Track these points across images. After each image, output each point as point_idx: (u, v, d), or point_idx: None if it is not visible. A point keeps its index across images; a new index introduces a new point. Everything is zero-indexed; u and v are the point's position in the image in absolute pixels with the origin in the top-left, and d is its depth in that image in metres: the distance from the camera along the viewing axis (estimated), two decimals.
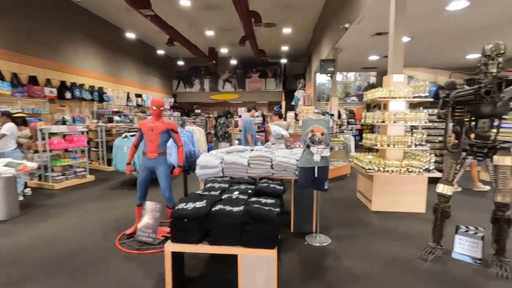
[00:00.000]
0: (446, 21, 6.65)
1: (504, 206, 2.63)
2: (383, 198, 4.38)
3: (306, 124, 3.15)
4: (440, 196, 2.87)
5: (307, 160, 3.11)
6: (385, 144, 4.29)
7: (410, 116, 4.24)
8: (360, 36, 7.79)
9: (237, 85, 18.00)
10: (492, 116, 2.62)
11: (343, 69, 14.49)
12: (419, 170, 4.12)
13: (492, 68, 2.56)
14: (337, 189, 5.81)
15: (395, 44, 4.50)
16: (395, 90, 4.27)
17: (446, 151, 2.81)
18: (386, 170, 4.18)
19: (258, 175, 3.41)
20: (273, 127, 6.22)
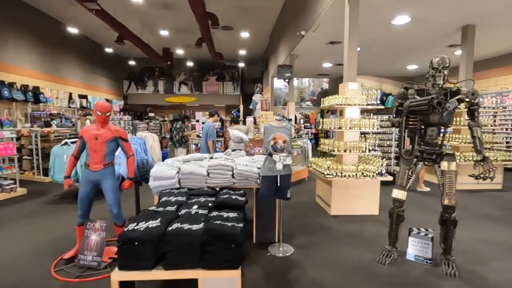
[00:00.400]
0: (392, 34, 7.19)
1: (451, 208, 2.82)
2: (341, 202, 4.49)
3: (268, 132, 3.06)
4: (395, 201, 2.98)
5: (269, 168, 3.02)
6: (342, 150, 4.41)
7: (364, 122, 4.43)
8: (315, 44, 8.07)
9: (193, 87, 17.48)
10: (439, 124, 2.81)
11: (299, 75, 14.95)
12: (373, 174, 4.31)
13: (439, 80, 2.75)
14: (297, 193, 5.85)
15: (350, 53, 4.69)
16: (350, 97, 4.42)
17: (401, 158, 2.94)
18: (343, 175, 4.29)
19: (218, 185, 3.23)
20: (232, 130, 6.07)
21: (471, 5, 5.51)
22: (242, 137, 5.94)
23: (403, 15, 5.97)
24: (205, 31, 9.52)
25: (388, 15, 5.97)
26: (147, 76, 17.24)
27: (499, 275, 2.81)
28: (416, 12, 5.82)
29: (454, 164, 2.79)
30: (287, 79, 9.33)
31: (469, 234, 3.74)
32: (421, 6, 5.56)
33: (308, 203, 5.20)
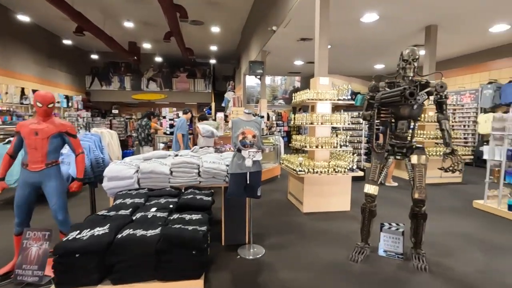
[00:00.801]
0: (361, 32, 7.28)
1: (421, 202, 2.80)
2: (313, 199, 4.41)
3: (237, 126, 2.85)
4: (367, 196, 2.92)
5: (238, 165, 2.82)
6: (314, 146, 4.32)
7: (336, 118, 4.37)
8: (286, 40, 7.98)
9: (163, 84, 16.77)
10: (410, 117, 2.78)
11: (271, 72, 14.89)
12: (344, 170, 4.26)
13: (409, 72, 2.71)
14: (269, 191, 5.71)
15: (321, 48, 4.61)
16: (322, 92, 4.35)
17: (373, 152, 2.87)
18: (315, 171, 4.20)
19: (183, 184, 2.96)
20: (201, 125, 5.80)
21: (432, 6, 5.69)
22: (213, 131, 5.71)
23: (371, 13, 6.04)
24: (174, 24, 9.08)
25: (357, 12, 6.01)
26: (112, 72, 16.24)
27: (465, 266, 2.84)
28: (384, 10, 5.91)
29: (423, 158, 2.77)
30: (259, 76, 9.18)
31: (435, 226, 3.80)
32: (388, 4, 5.65)
33: (281, 201, 5.07)
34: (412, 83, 2.66)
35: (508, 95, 8.08)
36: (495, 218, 4.26)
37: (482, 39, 7.79)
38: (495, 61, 8.67)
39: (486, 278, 2.64)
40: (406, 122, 2.80)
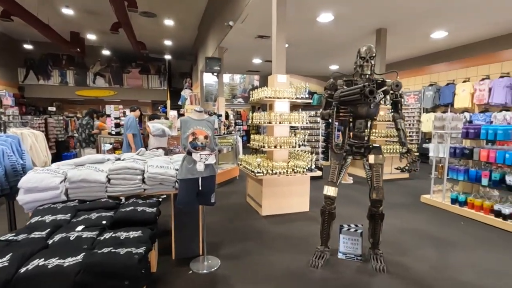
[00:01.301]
0: (317, 32, 7.35)
1: (379, 203, 2.77)
2: (273, 201, 4.25)
3: (186, 125, 2.53)
4: (326, 198, 2.81)
5: (188, 170, 2.50)
6: (272, 146, 4.16)
7: (294, 117, 4.26)
8: (244, 37, 7.77)
9: (112, 80, 15.47)
10: (367, 116, 2.72)
11: (230, 70, 14.58)
12: (303, 170, 4.17)
13: (366, 69, 2.65)
14: (226, 194, 5.45)
15: (278, 45, 4.47)
16: (280, 90, 4.20)
17: (332, 152, 2.76)
18: (274, 173, 4.04)
19: (124, 193, 2.56)
20: (152, 124, 5.30)
21: (382, 10, 5.91)
22: (164, 129, 5.24)
23: (327, 12, 6.09)
24: (121, 14, 8.30)
25: (314, 11, 6.01)
26: (51, 65, 14.52)
27: (421, 264, 2.88)
28: (339, 10, 5.99)
29: (381, 157, 2.74)
30: (216, 73, 8.83)
31: (389, 223, 3.86)
32: (342, 5, 5.72)
33: (239, 205, 4.83)
34: (369, 81, 2.60)
35: (446, 96, 8.83)
36: (440, 211, 4.52)
37: (425, 44, 8.40)
38: (435, 65, 9.44)
39: (440, 275, 2.69)
40: (363, 121, 2.75)
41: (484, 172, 4.10)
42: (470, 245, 3.34)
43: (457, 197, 4.46)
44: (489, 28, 6.94)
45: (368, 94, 2.04)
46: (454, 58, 8.78)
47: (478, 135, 4.21)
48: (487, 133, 4.08)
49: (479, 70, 8.08)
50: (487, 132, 4.08)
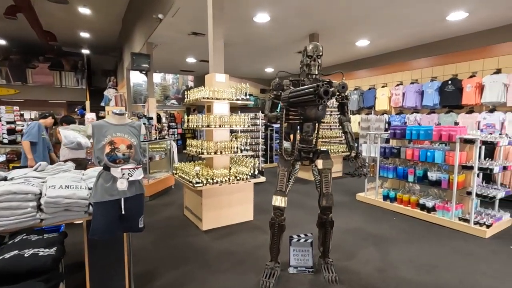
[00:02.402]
0: (253, 32, 7.19)
1: (329, 209, 2.64)
2: (214, 213, 3.84)
3: (101, 132, 1.96)
4: (276, 209, 2.55)
5: (105, 190, 1.94)
6: (212, 151, 3.75)
7: (235, 119, 3.94)
8: (176, 32, 7.14)
9: (12, 76, 12.82)
10: (315, 119, 2.56)
11: (161, 68, 13.52)
12: (246, 177, 3.88)
13: (314, 69, 2.49)
14: (160, 208, 4.81)
15: (215, 42, 4.10)
16: (219, 90, 3.83)
17: (280, 159, 2.51)
18: (215, 182, 3.64)
19: (8, 228, 1.84)
20: (64, 131, 4.30)
21: (314, 14, 6.07)
22: (81, 141, 4.30)
23: (263, 13, 5.96)
24: None
25: (250, 10, 5.80)
26: None
27: (367, 267, 2.86)
28: (274, 12, 5.92)
29: (329, 162, 2.61)
30: (144, 71, 7.95)
31: None
32: (277, 7, 5.66)
33: (175, 219, 4.27)
34: (317, 82, 2.44)
35: (368, 100, 9.70)
36: (375, 208, 4.76)
37: (351, 51, 9.05)
38: (359, 71, 10.30)
39: (386, 276, 2.70)
40: (311, 124, 2.58)
41: (410, 169, 4.45)
42: (404, 240, 3.51)
43: (388, 193, 4.76)
44: (404, 39, 7.82)
45: (322, 95, 1.84)
46: (374, 65, 9.71)
47: (404, 135, 4.56)
48: (411, 133, 4.44)
49: (395, 76, 9.07)
50: (411, 132, 4.43)
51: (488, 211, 3.92)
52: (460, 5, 5.54)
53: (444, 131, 4.01)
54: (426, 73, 8.22)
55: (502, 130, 6.40)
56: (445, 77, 7.62)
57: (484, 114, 6.75)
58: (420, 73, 8.40)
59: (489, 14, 5.97)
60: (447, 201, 4.07)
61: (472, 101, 6.88)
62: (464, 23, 6.39)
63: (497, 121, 6.51)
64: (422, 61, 8.32)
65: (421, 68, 8.36)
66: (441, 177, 4.03)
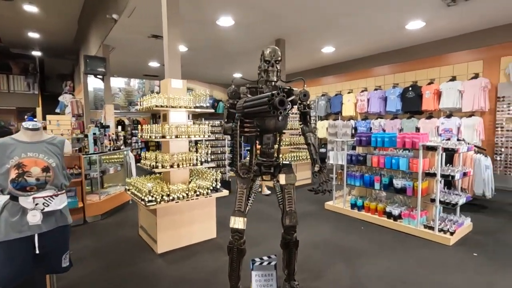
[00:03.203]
0: (218, 36, 6.92)
1: (293, 229, 2.41)
2: (171, 234, 3.46)
3: (4, 153, 1.56)
4: (234, 232, 2.27)
5: (10, 225, 1.54)
6: (168, 165, 3.39)
7: (194, 129, 3.62)
8: (135, 34, 6.67)
9: None
10: (275, 130, 2.33)
11: (121, 73, 12.76)
12: (207, 192, 3.56)
13: (272, 75, 2.26)
14: (113, 227, 4.32)
15: (171, 44, 3.76)
16: (175, 98, 3.49)
17: (237, 176, 2.24)
18: (171, 199, 3.28)
19: None
20: None
21: (279, 20, 5.96)
22: None
23: (227, 16, 5.72)
24: None
25: (212, 12, 5.54)
26: None
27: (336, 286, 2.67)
28: (238, 16, 5.71)
29: (292, 176, 2.39)
30: (100, 75, 7.33)
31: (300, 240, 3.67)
32: (241, 10, 5.46)
33: (129, 241, 3.82)
34: (276, 90, 2.22)
35: (335, 105, 9.81)
36: (343, 217, 4.65)
37: (317, 57, 9.11)
38: (326, 77, 10.42)
39: None
40: (272, 136, 2.35)
41: (376, 177, 4.40)
42: (373, 252, 3.39)
43: (356, 201, 4.68)
44: (367, 47, 7.99)
45: (278, 105, 1.60)
46: (340, 72, 9.86)
47: (369, 142, 4.51)
48: (376, 140, 4.40)
49: (360, 83, 9.26)
50: (377, 139, 4.39)
51: (451, 217, 3.95)
52: (418, 15, 5.71)
53: (407, 138, 4.00)
54: (389, 79, 8.46)
55: (459, 134, 6.69)
56: (406, 83, 7.87)
57: (442, 119, 7.02)
58: (383, 80, 8.63)
59: (444, 24, 6.23)
60: (412, 208, 4.05)
61: (431, 107, 7.15)
62: (421, 32, 6.63)
63: (454, 126, 6.80)
64: (385, 68, 8.57)
65: (384, 75, 8.60)
66: (406, 185, 4.01)
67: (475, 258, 3.21)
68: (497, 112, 6.40)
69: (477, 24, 6.28)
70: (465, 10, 5.45)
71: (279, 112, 1.64)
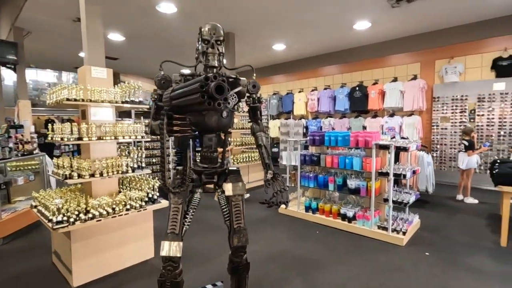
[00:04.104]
0: (160, 25, 6.19)
1: (242, 250, 1.97)
2: (93, 261, 2.77)
3: None
4: (166, 262, 1.75)
5: None
6: (87, 174, 2.70)
7: (122, 128, 2.96)
8: (56, 17, 5.59)
9: None
10: (219, 129, 1.87)
11: (45, 64, 11.01)
12: (141, 204, 2.94)
13: (212, 59, 1.79)
14: (19, 254, 3.41)
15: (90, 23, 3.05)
16: (95, 90, 2.80)
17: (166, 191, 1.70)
18: (91, 217, 2.59)
19: None
20: None
21: (227, 12, 5.53)
22: None
23: (168, 2, 5.07)
24: None
25: None
26: None
27: None
28: (180, 2, 5.10)
29: (241, 186, 1.94)
30: (11, 65, 6.02)
31: (251, 251, 3.29)
32: None
33: (39, 271, 2.99)
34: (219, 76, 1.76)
35: (287, 104, 9.72)
36: (298, 221, 4.38)
37: (268, 55, 8.86)
38: (277, 75, 10.28)
39: None
40: (214, 136, 1.88)
41: (330, 177, 4.22)
42: (329, 260, 3.15)
43: (310, 204, 4.46)
44: (316, 46, 7.97)
45: (214, 93, 1.15)
46: (291, 71, 9.79)
47: (323, 141, 4.32)
48: (330, 139, 4.22)
49: (310, 82, 9.29)
50: (330, 138, 4.22)
51: (401, 215, 3.94)
52: (365, 15, 5.77)
53: (360, 137, 3.88)
54: (337, 79, 8.60)
55: (401, 132, 7.01)
56: (353, 83, 8.06)
57: (386, 118, 7.31)
58: (332, 79, 8.75)
59: (388, 27, 6.43)
60: (366, 209, 3.94)
61: (376, 106, 7.39)
62: (368, 33, 6.78)
63: (397, 124, 7.10)
64: (334, 68, 8.69)
65: (333, 74, 8.72)
66: (360, 185, 3.89)
67: (428, 258, 3.17)
68: (433, 111, 6.84)
69: (416, 28, 6.63)
70: (407, 13, 5.66)
71: (217, 104, 1.19)
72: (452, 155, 6.58)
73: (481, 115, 6.22)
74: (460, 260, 3.09)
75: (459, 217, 4.50)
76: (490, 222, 4.22)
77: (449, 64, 6.55)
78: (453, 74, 6.47)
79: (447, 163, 6.70)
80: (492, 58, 6.06)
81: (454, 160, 6.51)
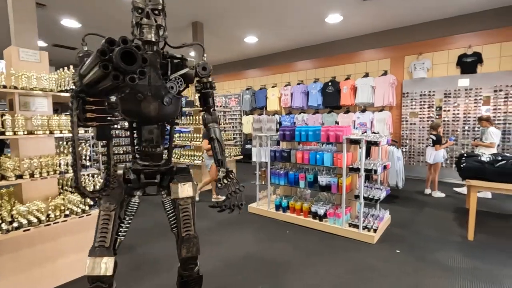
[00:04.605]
0: (119, 11, 5.67)
1: (192, 261, 1.68)
2: (21, 277, 2.34)
3: None
4: (93, 282, 1.42)
5: None
6: (13, 175, 2.26)
7: (60, 121, 2.54)
8: None
9: None
10: (160, 119, 1.55)
11: None
12: (83, 209, 2.55)
13: (149, 33, 1.47)
14: None
15: None
16: (25, 75, 2.36)
17: (81, 196, 1.34)
18: (16, 227, 2.17)
19: None
20: None
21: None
22: None
23: None
24: None
25: None
26: None
27: None
28: None
29: (189, 186, 1.65)
30: None
31: (216, 256, 3.01)
32: None
33: None
34: (156, 57, 1.45)
35: (260, 100, 9.48)
36: (268, 221, 4.16)
37: (241, 47, 8.55)
38: (250, 70, 9.99)
39: None
40: (156, 128, 1.56)
41: (301, 174, 4.03)
42: (301, 263, 2.94)
43: (281, 202, 4.25)
44: (289, 40, 7.78)
45: (120, 62, 0.84)
46: (264, 65, 9.55)
47: (293, 136, 4.11)
48: (300, 134, 4.02)
49: (283, 77, 9.10)
50: (300, 133, 4.02)
51: (372, 211, 3.84)
52: (336, 8, 5.64)
53: (331, 132, 3.71)
54: (310, 74, 8.48)
55: (372, 128, 7.03)
56: (326, 78, 7.97)
57: (357, 113, 7.29)
58: (305, 75, 8.62)
59: (360, 21, 6.36)
60: (337, 206, 3.79)
61: (348, 101, 7.35)
62: (340, 27, 6.68)
63: (368, 120, 7.11)
64: (307, 63, 8.56)
65: (306, 69, 8.59)
66: (331, 181, 3.73)
67: (398, 255, 3.07)
68: (403, 107, 6.91)
69: (386, 24, 6.63)
70: (377, 8, 5.60)
71: (128, 79, 0.88)
72: (421, 149, 6.69)
73: (447, 111, 6.35)
74: (429, 256, 3.02)
75: (427, 211, 4.51)
76: (457, 216, 4.25)
77: (417, 60, 6.63)
78: (421, 70, 6.55)
79: (415, 158, 6.80)
80: (458, 54, 6.19)
81: (422, 155, 6.62)
